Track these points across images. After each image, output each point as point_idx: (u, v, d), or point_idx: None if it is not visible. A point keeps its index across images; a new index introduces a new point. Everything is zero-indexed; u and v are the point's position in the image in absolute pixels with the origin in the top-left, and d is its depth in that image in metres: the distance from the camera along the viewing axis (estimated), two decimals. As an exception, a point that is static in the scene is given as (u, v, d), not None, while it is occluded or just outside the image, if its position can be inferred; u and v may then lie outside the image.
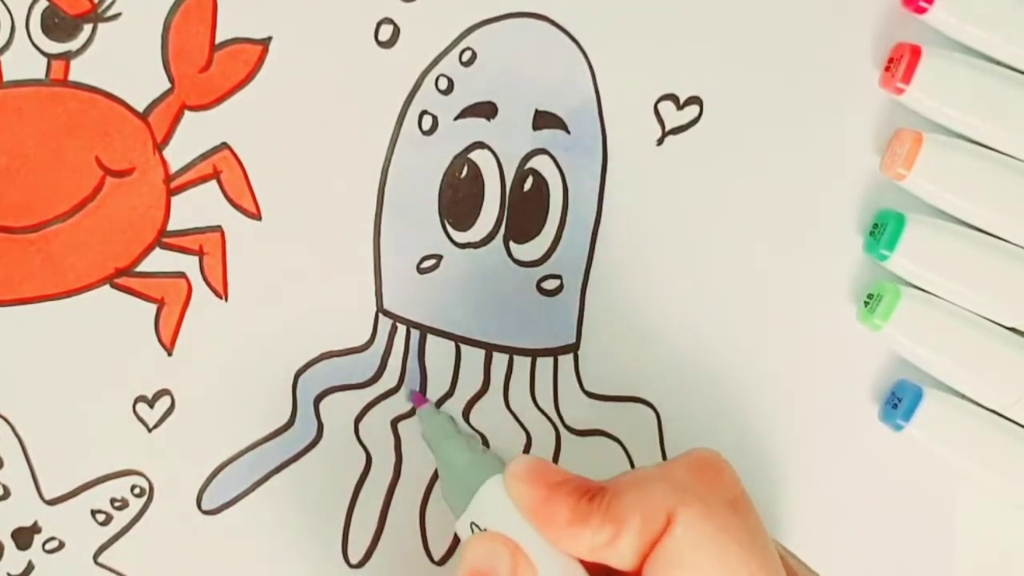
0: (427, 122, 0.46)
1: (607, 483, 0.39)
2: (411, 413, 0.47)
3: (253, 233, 0.46)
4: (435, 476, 0.47)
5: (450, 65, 0.46)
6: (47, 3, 0.45)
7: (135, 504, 0.46)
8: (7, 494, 0.46)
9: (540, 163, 0.47)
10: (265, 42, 0.46)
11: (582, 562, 0.38)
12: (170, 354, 0.46)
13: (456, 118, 0.46)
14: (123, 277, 0.46)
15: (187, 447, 0.46)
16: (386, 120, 0.46)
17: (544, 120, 0.47)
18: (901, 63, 0.45)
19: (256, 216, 0.46)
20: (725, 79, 0.47)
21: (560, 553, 0.38)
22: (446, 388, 0.47)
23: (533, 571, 0.38)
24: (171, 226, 0.46)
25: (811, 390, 0.48)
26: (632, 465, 0.48)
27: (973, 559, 0.48)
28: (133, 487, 0.46)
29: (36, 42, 0.45)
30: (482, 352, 0.47)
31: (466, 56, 0.46)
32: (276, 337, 0.46)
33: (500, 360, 0.47)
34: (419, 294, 0.47)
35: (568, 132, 0.47)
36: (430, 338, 0.47)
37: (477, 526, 0.40)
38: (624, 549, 0.37)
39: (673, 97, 0.47)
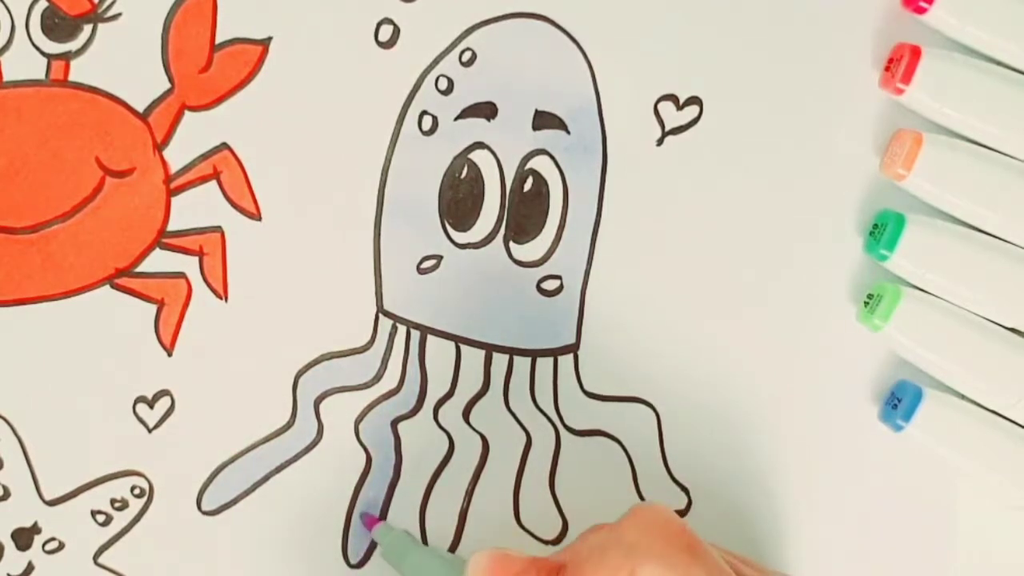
0: (427, 122, 0.46)
1: (565, 555, 0.40)
2: (412, 413, 0.47)
3: (253, 233, 0.46)
4: (435, 476, 0.47)
5: (450, 65, 0.46)
6: (47, 3, 0.45)
7: (135, 505, 0.46)
8: (7, 494, 0.46)
9: (540, 163, 0.47)
10: (265, 42, 0.46)
11: None
12: (170, 354, 0.46)
13: (456, 118, 0.46)
14: (123, 277, 0.46)
15: (187, 448, 0.46)
16: (386, 120, 0.46)
17: (544, 120, 0.47)
18: (901, 63, 0.45)
19: (256, 216, 0.46)
20: (725, 79, 0.47)
21: None
22: (446, 389, 0.47)
23: None
24: (171, 226, 0.46)
25: (811, 390, 0.48)
26: (632, 465, 0.47)
27: (973, 559, 0.48)
28: (133, 488, 0.46)
29: (36, 42, 0.45)
30: (482, 352, 0.47)
31: (466, 56, 0.46)
32: (276, 337, 0.46)
33: (500, 360, 0.47)
34: (419, 294, 0.47)
35: (568, 132, 0.47)
36: (430, 339, 0.47)
37: None
38: None
39: (673, 97, 0.47)
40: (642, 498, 0.47)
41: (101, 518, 0.46)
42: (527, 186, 0.47)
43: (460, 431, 0.47)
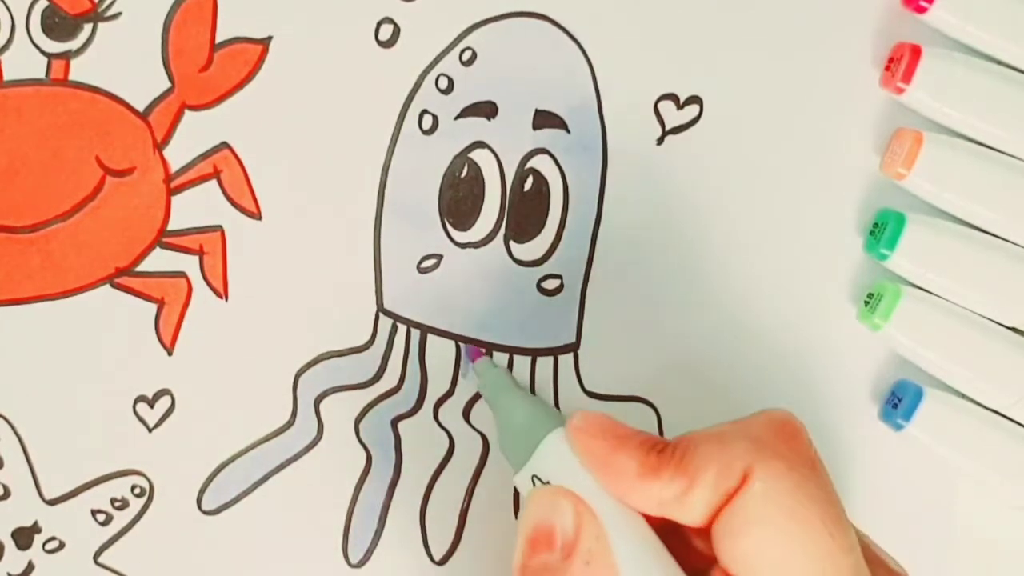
0: (427, 122, 0.46)
1: (675, 439, 0.38)
2: (412, 412, 0.47)
3: (253, 233, 0.46)
4: (435, 476, 0.47)
5: (450, 64, 0.46)
6: (47, 2, 0.45)
7: (135, 504, 0.46)
8: (7, 494, 0.46)
9: (540, 163, 0.47)
10: (265, 42, 0.46)
11: (645, 517, 0.38)
12: (170, 354, 0.46)
13: (456, 117, 0.46)
14: (123, 277, 0.46)
15: (187, 447, 0.46)
16: (386, 120, 0.46)
17: (544, 120, 0.47)
18: (901, 63, 0.45)
19: (256, 216, 0.46)
20: (725, 79, 0.47)
21: (624, 508, 0.38)
22: (446, 388, 0.47)
23: (598, 524, 0.37)
24: (171, 226, 0.46)
25: (811, 390, 0.48)
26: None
27: (973, 559, 0.48)
28: (133, 487, 0.46)
29: (36, 42, 0.45)
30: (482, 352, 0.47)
31: (466, 55, 0.46)
32: (276, 337, 0.46)
33: (500, 360, 0.47)
34: (419, 294, 0.47)
35: (568, 132, 0.47)
36: (430, 338, 0.47)
37: (539, 479, 0.39)
38: (695, 503, 0.36)
39: (673, 97, 0.47)
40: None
41: (101, 517, 0.46)
42: (527, 185, 0.47)
43: (460, 430, 0.47)
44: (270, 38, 0.46)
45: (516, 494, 0.47)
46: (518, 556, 0.39)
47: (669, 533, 0.38)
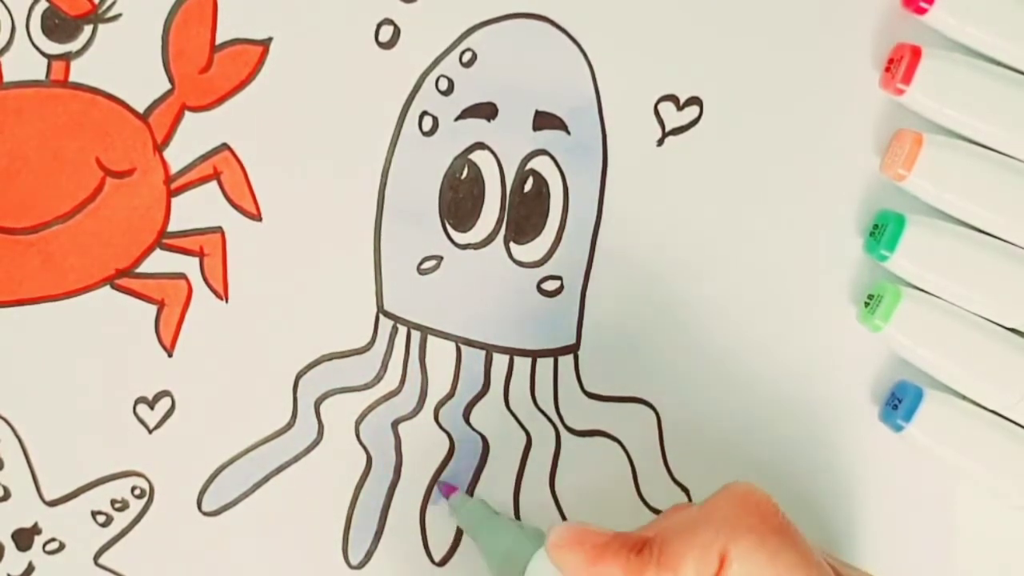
0: (427, 123, 0.46)
1: (649, 532, 0.39)
2: (412, 414, 0.47)
3: (253, 234, 0.46)
4: (435, 476, 0.47)
5: (450, 66, 0.46)
6: (47, 4, 0.45)
7: (135, 505, 0.46)
8: (7, 495, 0.46)
9: (540, 164, 0.47)
10: (265, 43, 0.46)
11: None
12: (170, 355, 0.46)
13: (456, 119, 0.46)
14: (123, 278, 0.46)
15: (187, 448, 0.46)
16: (386, 121, 0.46)
17: (544, 121, 0.47)
18: (901, 64, 0.45)
19: (256, 217, 0.46)
20: (725, 79, 0.47)
21: None
22: (447, 389, 0.47)
23: None
24: (171, 227, 0.46)
25: (811, 390, 0.48)
26: (632, 465, 0.48)
27: (973, 559, 0.48)
28: (133, 488, 0.46)
29: (36, 43, 0.45)
30: (482, 353, 0.47)
31: (466, 57, 0.46)
32: (276, 338, 0.46)
33: (500, 361, 0.47)
34: (420, 295, 0.47)
35: (568, 133, 0.47)
36: (431, 339, 0.47)
37: None
38: None
39: (673, 98, 0.47)
40: (642, 498, 0.47)
41: (101, 519, 0.46)
42: (527, 186, 0.47)
43: (460, 431, 0.47)
44: (270, 39, 0.46)
45: (516, 494, 0.47)
46: None
47: None
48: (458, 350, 0.47)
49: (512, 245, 0.47)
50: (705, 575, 0.37)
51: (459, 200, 0.47)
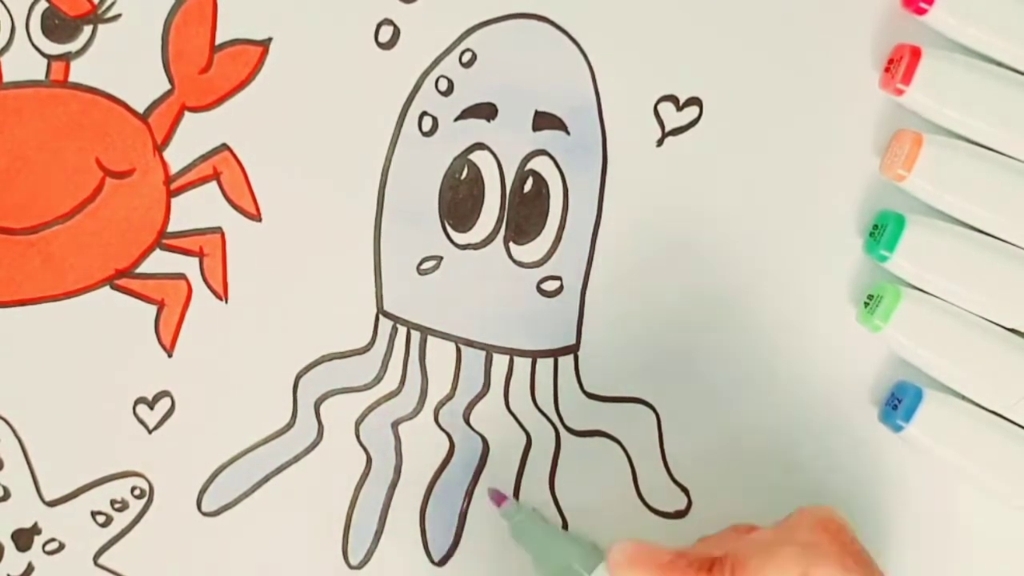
0: (427, 123, 0.46)
1: (716, 547, 0.39)
2: (412, 415, 0.47)
3: (253, 234, 0.46)
4: (435, 478, 0.47)
5: (450, 66, 0.46)
6: (47, 4, 0.45)
7: (135, 506, 0.46)
8: (7, 495, 0.46)
9: (540, 164, 0.47)
10: (265, 43, 0.46)
11: None
12: (170, 355, 0.46)
13: (456, 119, 0.46)
14: (123, 278, 0.46)
15: (187, 449, 0.46)
16: (386, 121, 0.46)
17: (544, 121, 0.47)
18: (901, 64, 0.45)
19: (256, 217, 0.46)
20: (725, 80, 0.47)
21: None
22: (447, 390, 0.47)
23: None
24: (171, 227, 0.46)
25: (811, 391, 0.48)
26: (632, 465, 0.47)
27: (973, 559, 0.48)
28: (133, 488, 0.46)
29: (36, 43, 0.45)
30: (482, 353, 0.47)
31: (466, 57, 0.46)
32: (276, 338, 0.46)
33: (500, 361, 0.47)
34: (419, 295, 0.47)
35: (568, 133, 0.47)
36: (431, 340, 0.47)
37: None
38: None
39: (673, 98, 0.47)
40: (642, 498, 0.47)
41: (101, 519, 0.46)
42: (527, 187, 0.47)
43: (460, 432, 0.47)
44: (270, 39, 0.46)
45: (516, 494, 0.47)
46: None
47: None
48: (458, 350, 0.47)
49: (512, 245, 0.47)
50: None
51: (459, 200, 0.47)
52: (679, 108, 0.47)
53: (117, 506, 0.46)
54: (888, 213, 0.46)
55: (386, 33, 0.46)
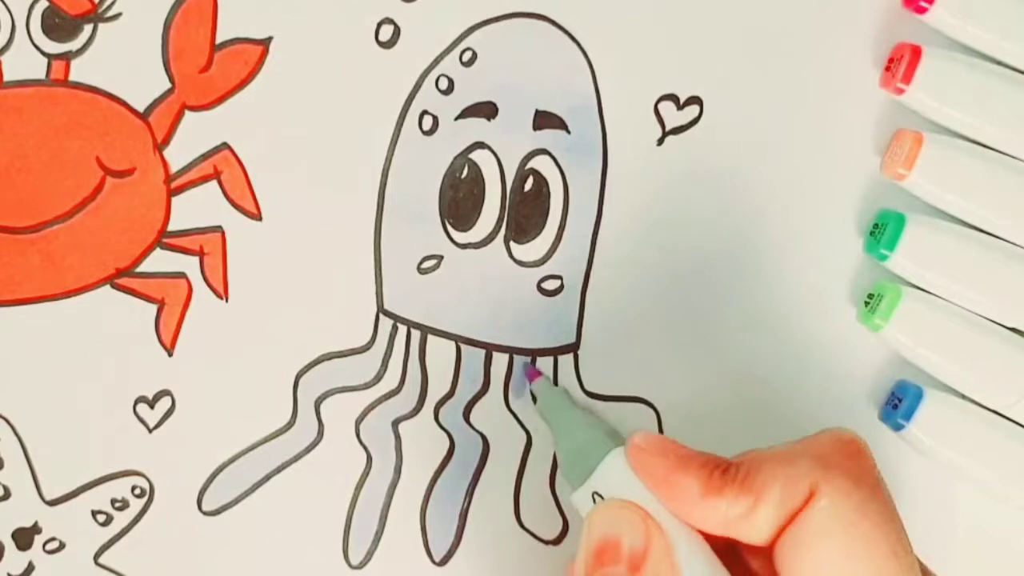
0: (427, 122, 0.46)
1: (737, 458, 0.39)
2: (412, 414, 0.47)
3: (253, 233, 0.46)
4: (435, 477, 0.47)
5: (450, 65, 0.46)
6: (47, 3, 0.45)
7: (136, 505, 0.46)
8: (7, 494, 0.46)
9: (541, 163, 0.47)
10: (265, 42, 0.46)
11: (705, 536, 0.38)
12: (171, 354, 0.46)
13: (456, 118, 0.46)
14: (123, 277, 0.46)
15: (187, 448, 0.46)
16: (386, 120, 0.46)
17: (544, 120, 0.47)
18: (901, 63, 0.45)
19: (256, 216, 0.46)
20: (725, 79, 0.47)
21: (685, 526, 0.38)
22: (447, 389, 0.47)
23: (666, 541, 0.37)
24: (171, 226, 0.46)
25: (811, 390, 0.48)
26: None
27: (973, 559, 0.48)
28: (134, 488, 0.46)
29: (36, 42, 0.45)
30: (482, 352, 0.47)
31: (466, 56, 0.46)
32: (276, 337, 0.46)
33: (500, 360, 0.47)
34: (420, 294, 0.47)
35: (568, 132, 0.47)
36: (431, 339, 0.47)
37: (600, 497, 0.40)
38: (761, 521, 0.37)
39: (673, 97, 0.47)
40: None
41: (102, 518, 0.46)
42: (528, 186, 0.47)
43: (460, 431, 0.47)
44: (270, 38, 0.46)
45: (516, 494, 0.47)
46: (581, 567, 0.38)
47: (725, 554, 0.39)
48: (458, 349, 0.47)
49: (512, 244, 0.47)
50: (789, 505, 0.36)
51: (459, 199, 0.47)
52: (679, 107, 0.47)
53: (117, 505, 0.46)
54: (888, 212, 0.46)
55: (386, 32, 0.46)
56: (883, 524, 0.37)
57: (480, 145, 0.46)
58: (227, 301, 0.46)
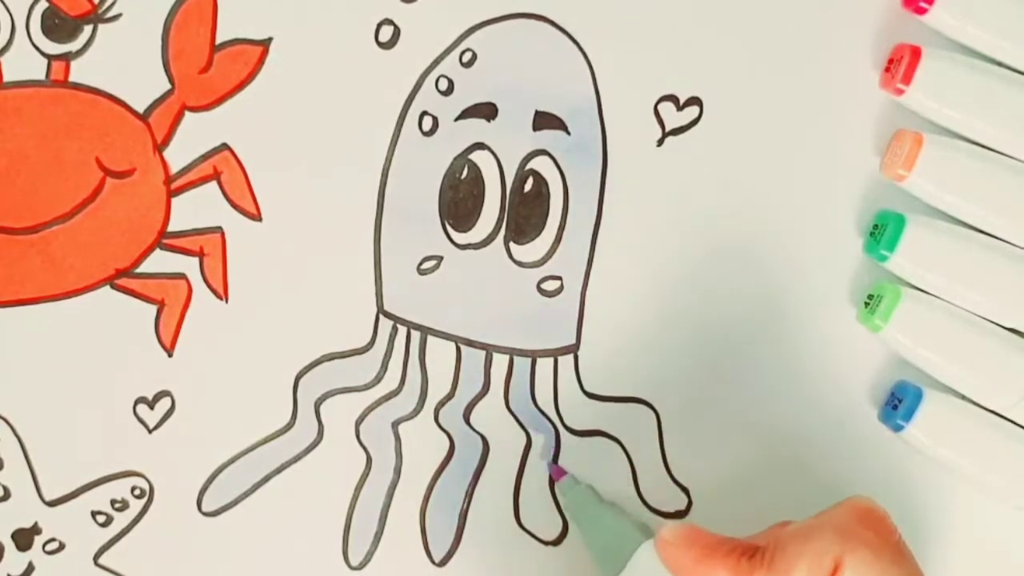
0: (427, 123, 0.46)
1: (762, 539, 0.40)
2: (412, 414, 0.47)
3: (253, 234, 0.46)
4: (435, 478, 0.47)
5: (450, 66, 0.46)
6: (47, 4, 0.45)
7: (135, 505, 0.46)
8: (7, 495, 0.46)
9: (540, 164, 0.47)
10: (265, 43, 0.46)
11: None
12: (170, 355, 0.46)
13: (456, 119, 0.46)
14: (123, 278, 0.46)
15: (187, 448, 0.46)
16: (386, 121, 0.46)
17: (544, 121, 0.47)
18: (901, 64, 0.45)
19: (256, 217, 0.46)
20: (725, 79, 0.47)
21: None
22: (447, 390, 0.47)
23: None
24: (171, 227, 0.46)
25: (811, 390, 0.48)
26: (632, 465, 0.47)
27: (973, 559, 0.48)
28: (133, 488, 0.46)
29: (36, 43, 0.45)
30: (482, 353, 0.47)
31: (466, 57, 0.46)
32: (276, 338, 0.46)
33: (500, 361, 0.47)
34: (420, 295, 0.47)
35: (568, 133, 0.47)
36: (431, 339, 0.47)
37: None
38: None
39: (673, 98, 0.47)
40: (642, 498, 0.47)
41: (101, 519, 0.46)
42: (527, 186, 0.47)
43: (460, 432, 0.47)
44: (270, 39, 0.46)
45: (516, 494, 0.47)
46: None
47: None
48: (458, 350, 0.47)
49: (512, 245, 0.47)
50: None
51: (459, 200, 0.47)
52: (679, 108, 0.47)
53: (117, 506, 0.46)
54: (888, 213, 0.46)
55: (386, 33, 0.46)
56: None
57: (480, 146, 0.46)
58: (227, 302, 0.46)
